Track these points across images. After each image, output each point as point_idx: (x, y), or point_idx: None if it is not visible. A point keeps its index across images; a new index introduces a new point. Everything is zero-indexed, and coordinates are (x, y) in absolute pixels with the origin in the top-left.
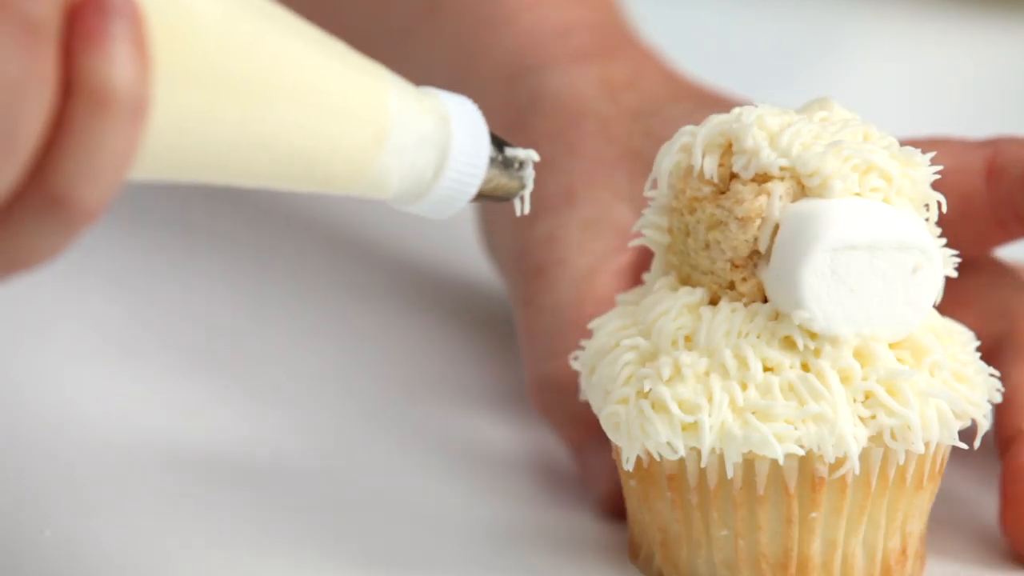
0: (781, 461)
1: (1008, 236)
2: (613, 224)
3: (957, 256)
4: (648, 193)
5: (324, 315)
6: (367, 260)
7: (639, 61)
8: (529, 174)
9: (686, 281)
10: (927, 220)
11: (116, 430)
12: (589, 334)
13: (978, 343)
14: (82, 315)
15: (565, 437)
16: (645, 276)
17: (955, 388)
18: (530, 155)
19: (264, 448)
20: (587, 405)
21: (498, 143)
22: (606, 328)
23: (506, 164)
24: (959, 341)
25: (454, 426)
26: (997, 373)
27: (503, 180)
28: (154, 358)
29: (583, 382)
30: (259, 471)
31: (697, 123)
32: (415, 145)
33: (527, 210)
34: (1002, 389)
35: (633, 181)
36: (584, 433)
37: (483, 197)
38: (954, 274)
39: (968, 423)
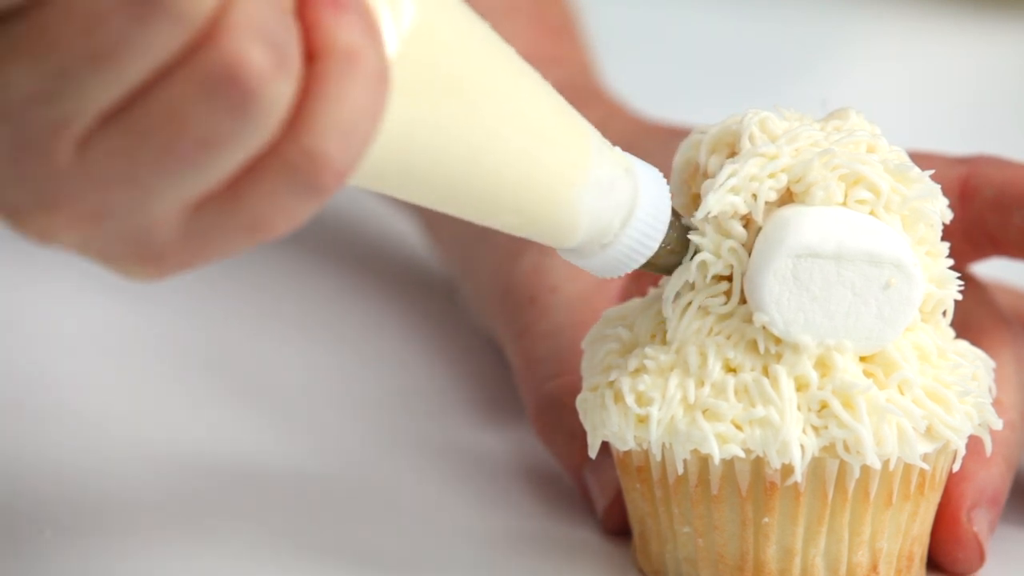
0: (716, 461)
1: (979, 255)
2: None
3: (960, 280)
4: None
5: (326, 321)
6: (370, 266)
7: (607, 109)
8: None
9: None
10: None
11: (117, 430)
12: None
13: (993, 369)
14: (82, 315)
15: (567, 455)
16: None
17: (925, 407)
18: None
19: (263, 452)
20: None
21: (674, 210)
22: (608, 316)
23: (682, 230)
24: (951, 364)
25: (457, 435)
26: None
27: (678, 246)
28: (155, 359)
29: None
30: (258, 475)
31: (671, 155)
32: (609, 185)
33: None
34: (1001, 420)
35: None
36: (585, 450)
37: (654, 263)
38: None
39: (940, 444)
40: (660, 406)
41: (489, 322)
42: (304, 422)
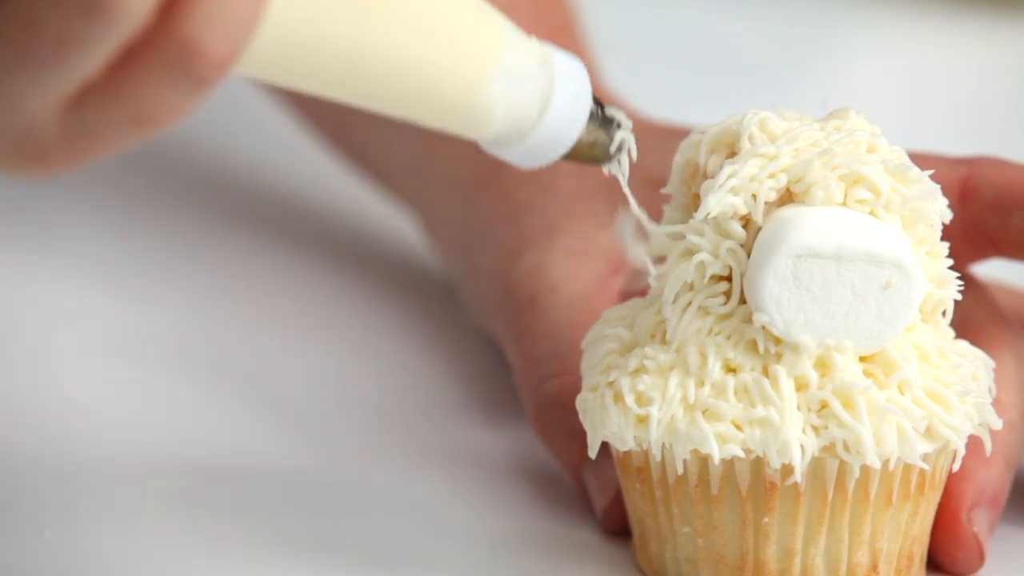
0: (716, 461)
1: (978, 255)
2: (599, 251)
3: (960, 280)
4: (666, 190)
5: (325, 320)
6: (370, 266)
7: None
8: (627, 137)
9: None
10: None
11: (116, 431)
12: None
13: (993, 368)
14: (82, 315)
15: (566, 455)
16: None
17: (925, 407)
18: (627, 121)
19: (264, 452)
20: None
21: (597, 101)
22: (608, 316)
23: (605, 122)
24: (951, 364)
25: (457, 435)
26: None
27: (602, 137)
28: (154, 359)
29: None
30: (258, 475)
31: (671, 154)
32: (524, 75)
33: (626, 172)
34: (1001, 419)
35: (614, 210)
36: (585, 450)
37: (579, 154)
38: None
39: (940, 444)
40: (660, 406)
41: (489, 322)
42: (304, 422)
